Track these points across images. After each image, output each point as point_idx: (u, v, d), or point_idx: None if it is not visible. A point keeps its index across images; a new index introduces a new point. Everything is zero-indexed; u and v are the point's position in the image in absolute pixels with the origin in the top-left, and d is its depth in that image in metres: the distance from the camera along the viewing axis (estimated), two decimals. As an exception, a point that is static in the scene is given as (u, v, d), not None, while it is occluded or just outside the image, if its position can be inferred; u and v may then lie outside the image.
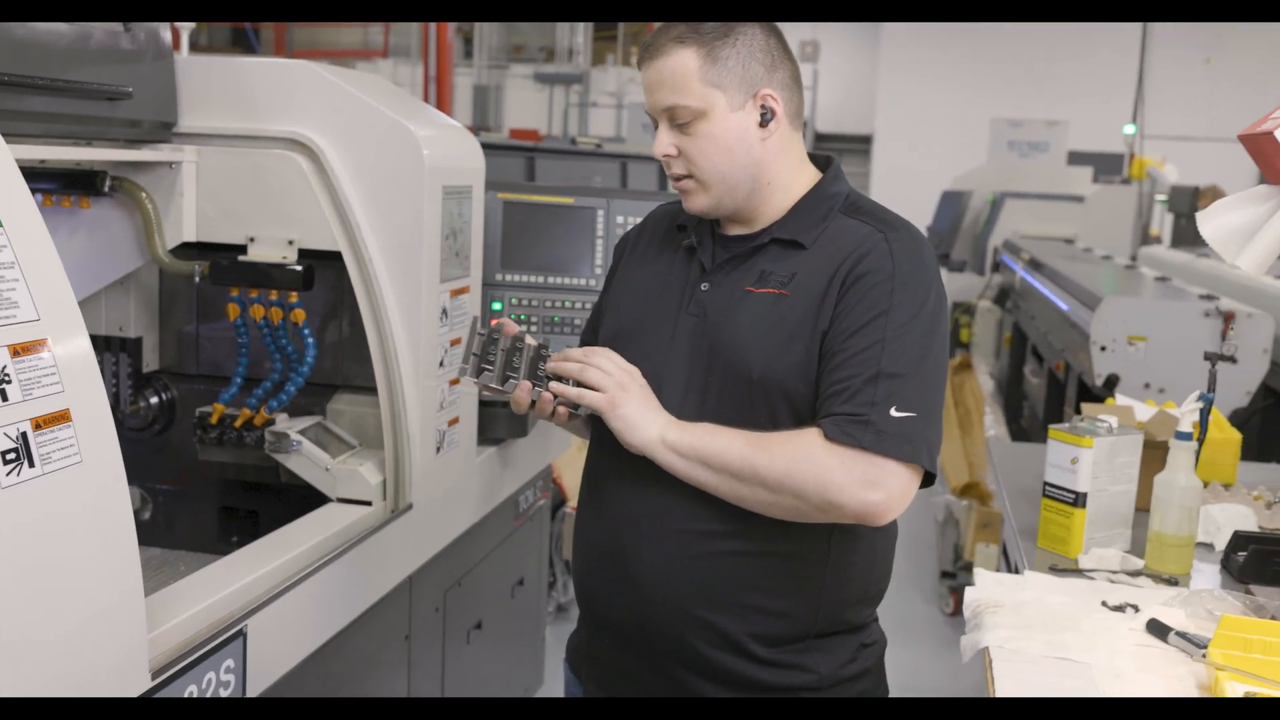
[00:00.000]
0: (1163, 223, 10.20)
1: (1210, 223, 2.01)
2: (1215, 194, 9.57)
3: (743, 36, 1.60)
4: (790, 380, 1.57)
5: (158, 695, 1.62)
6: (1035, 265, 6.38)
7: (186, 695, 1.69)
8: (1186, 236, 9.02)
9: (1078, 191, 9.34)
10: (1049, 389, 5.69)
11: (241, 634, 1.81)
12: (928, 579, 5.03)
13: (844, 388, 1.53)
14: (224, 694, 1.78)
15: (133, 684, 1.57)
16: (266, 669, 1.91)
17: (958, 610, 4.72)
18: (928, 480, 1.57)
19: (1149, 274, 5.72)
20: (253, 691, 1.87)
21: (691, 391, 1.62)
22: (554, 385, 1.62)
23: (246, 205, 2.36)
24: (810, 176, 1.70)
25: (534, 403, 1.62)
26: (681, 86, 1.59)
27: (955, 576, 4.78)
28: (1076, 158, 10.76)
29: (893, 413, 1.51)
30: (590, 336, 1.85)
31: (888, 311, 1.54)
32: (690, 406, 1.61)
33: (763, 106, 1.62)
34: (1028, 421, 6.49)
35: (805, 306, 1.58)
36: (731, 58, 1.59)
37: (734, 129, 1.60)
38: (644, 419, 1.58)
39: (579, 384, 1.61)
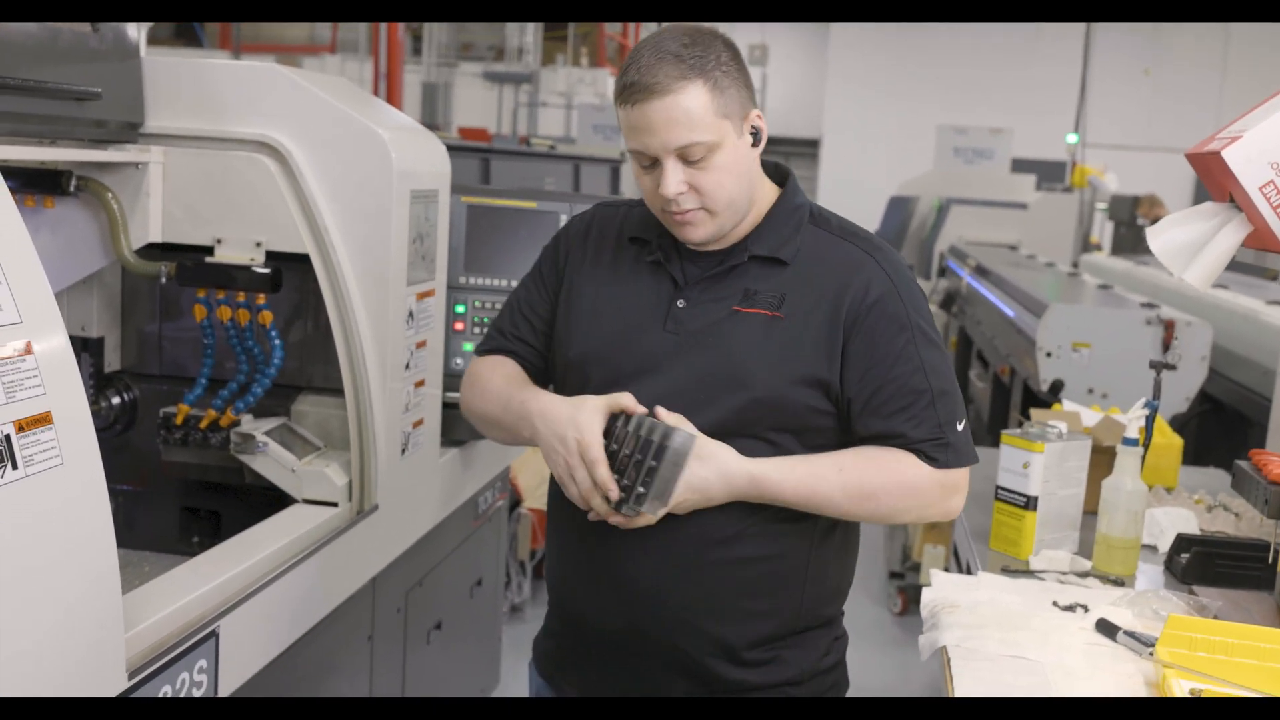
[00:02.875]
0: (1103, 230, 10.43)
1: (1159, 238, 2.09)
2: (1153, 202, 9.81)
3: (725, 57, 1.58)
4: (792, 401, 1.61)
5: (134, 695, 1.63)
6: (981, 271, 6.51)
7: (161, 695, 1.70)
8: (1126, 244, 9.25)
9: (1021, 198, 9.52)
10: (994, 393, 5.80)
11: (214, 634, 1.82)
12: (875, 580, 5.11)
13: (912, 415, 1.62)
14: (197, 694, 1.79)
15: (110, 684, 1.58)
16: (237, 669, 1.93)
17: (906, 610, 4.81)
18: None
19: (1091, 281, 5.86)
20: (224, 692, 1.88)
21: (684, 410, 1.61)
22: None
23: (213, 207, 2.37)
24: (771, 188, 1.73)
25: None
26: (697, 123, 1.55)
27: (903, 577, 4.87)
28: (1020, 165, 10.96)
29: (958, 428, 1.65)
30: (531, 337, 1.79)
31: (912, 335, 1.63)
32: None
33: (753, 127, 1.63)
34: (973, 424, 6.64)
35: (808, 331, 1.61)
36: (730, 86, 1.58)
37: (741, 155, 1.61)
38: (708, 489, 1.58)
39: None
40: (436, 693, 3.07)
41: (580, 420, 1.57)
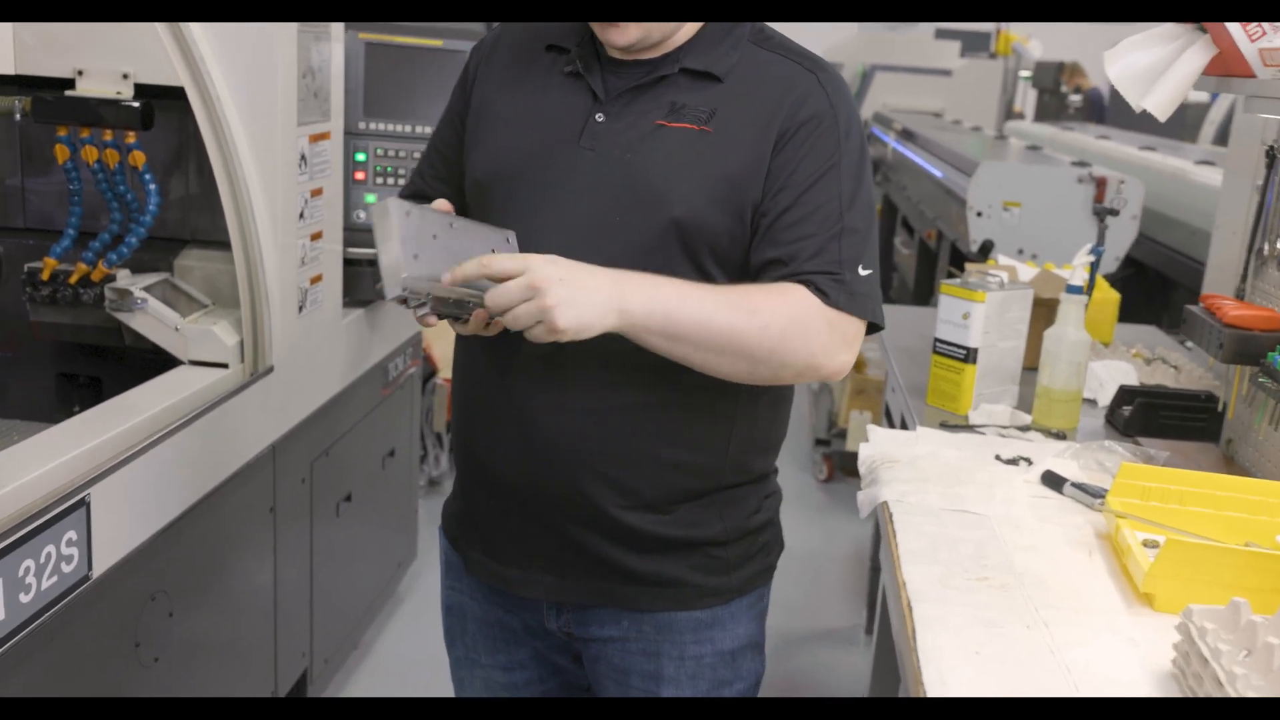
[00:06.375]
0: (1025, 98, 10.32)
1: (1116, 64, 1.94)
2: (1076, 70, 9.71)
3: None
4: (715, 221, 1.43)
5: (-13, 571, 1.45)
6: (908, 135, 6.36)
7: (22, 571, 1.51)
8: (1050, 111, 9.15)
9: (945, 65, 9.35)
10: (920, 259, 5.71)
11: (84, 503, 1.63)
12: (800, 447, 5.05)
13: (808, 245, 1.42)
14: (67, 569, 1.61)
15: (-44, 559, 1.39)
16: (114, 542, 1.74)
17: (831, 476, 4.76)
18: (873, 330, 1.50)
19: (1019, 143, 5.74)
20: (100, 566, 1.70)
21: (597, 234, 1.44)
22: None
23: (71, 33, 2.10)
24: None
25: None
26: None
27: (829, 444, 4.81)
28: (944, 32, 10.75)
29: (860, 271, 1.44)
30: (440, 168, 1.62)
31: (838, 163, 1.44)
32: (597, 250, 1.42)
33: None
34: (896, 292, 6.55)
35: (735, 146, 1.43)
36: None
37: None
38: (588, 305, 1.31)
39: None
40: (348, 566, 2.93)
41: None
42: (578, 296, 1.30)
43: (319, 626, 2.72)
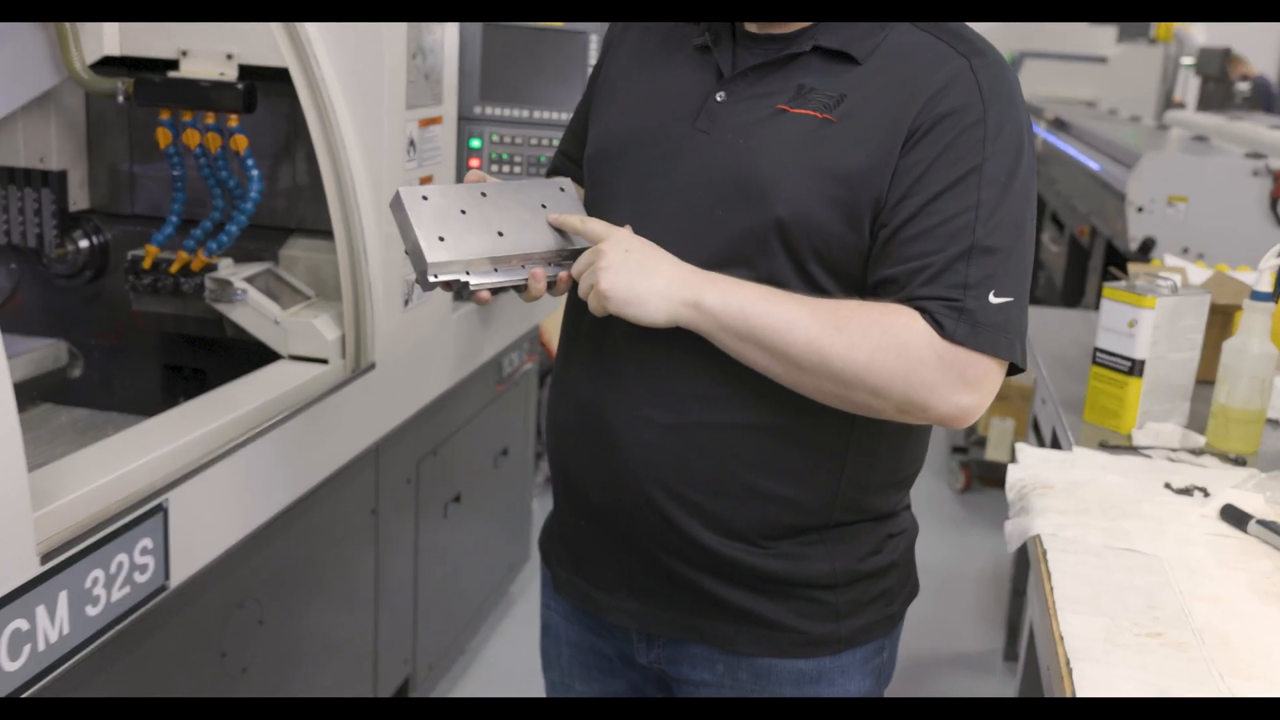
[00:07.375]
0: (1186, 87, 9.73)
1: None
2: (1240, 59, 9.11)
3: None
4: (825, 224, 1.24)
5: (52, 580, 1.35)
6: (1060, 125, 6.02)
7: (90, 583, 1.42)
8: (1215, 101, 8.59)
9: (1100, 52, 8.89)
10: (1070, 257, 5.38)
11: (161, 509, 1.53)
12: (937, 454, 4.79)
13: (928, 264, 1.20)
14: (140, 580, 1.51)
15: (17, 570, 1.30)
16: (195, 551, 1.64)
17: (968, 486, 4.49)
18: (1013, 371, 1.27)
19: (1183, 134, 5.36)
20: (178, 577, 1.60)
21: (696, 227, 1.28)
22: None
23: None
24: None
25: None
26: None
27: (967, 451, 4.54)
28: (1099, 17, 10.23)
29: (991, 298, 1.21)
30: (571, 146, 1.52)
31: (981, 167, 1.21)
32: (694, 244, 1.27)
33: None
34: (1043, 292, 6.20)
35: (860, 139, 1.23)
36: None
37: None
38: (644, 283, 1.22)
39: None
40: (456, 569, 2.82)
41: None
42: (633, 268, 1.22)
43: (423, 632, 2.62)
